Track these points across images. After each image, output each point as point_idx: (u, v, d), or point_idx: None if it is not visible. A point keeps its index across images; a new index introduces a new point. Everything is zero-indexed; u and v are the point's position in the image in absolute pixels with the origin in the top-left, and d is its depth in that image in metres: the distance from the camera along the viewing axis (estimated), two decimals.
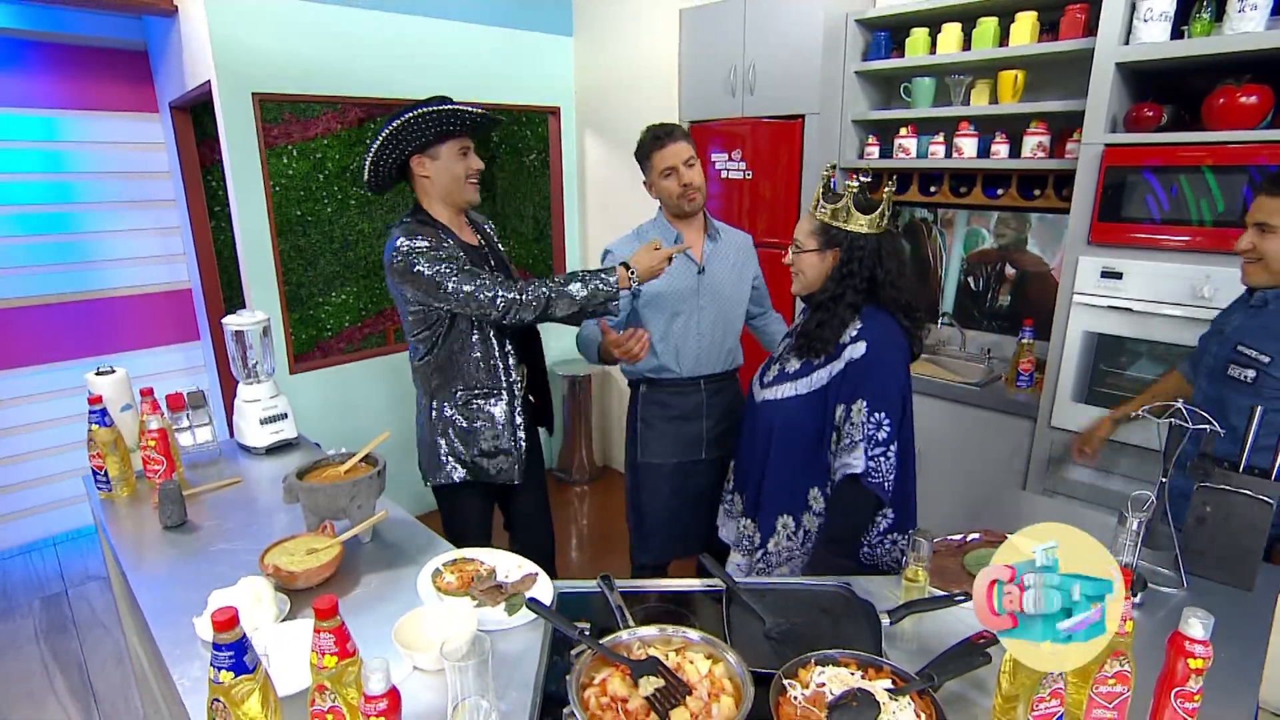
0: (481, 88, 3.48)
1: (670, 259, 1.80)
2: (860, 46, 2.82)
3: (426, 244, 1.74)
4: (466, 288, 1.71)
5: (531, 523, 2.18)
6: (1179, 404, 1.35)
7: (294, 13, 2.83)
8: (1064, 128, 2.43)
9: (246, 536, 1.56)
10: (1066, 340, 2.31)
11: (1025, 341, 2.60)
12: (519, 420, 1.94)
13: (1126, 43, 2.12)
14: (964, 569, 1.39)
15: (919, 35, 2.66)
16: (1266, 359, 1.54)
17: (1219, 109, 2.01)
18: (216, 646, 0.86)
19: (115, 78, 3.37)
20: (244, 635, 0.88)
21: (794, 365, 1.64)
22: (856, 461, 1.51)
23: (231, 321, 1.98)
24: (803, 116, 2.86)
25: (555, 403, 4.03)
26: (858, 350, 1.54)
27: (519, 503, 2.14)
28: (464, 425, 1.91)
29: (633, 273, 1.75)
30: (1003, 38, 2.50)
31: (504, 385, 1.91)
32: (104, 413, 1.71)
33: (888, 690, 1.04)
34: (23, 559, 3.37)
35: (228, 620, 0.86)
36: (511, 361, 1.92)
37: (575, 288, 1.73)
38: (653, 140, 2.00)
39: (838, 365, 1.56)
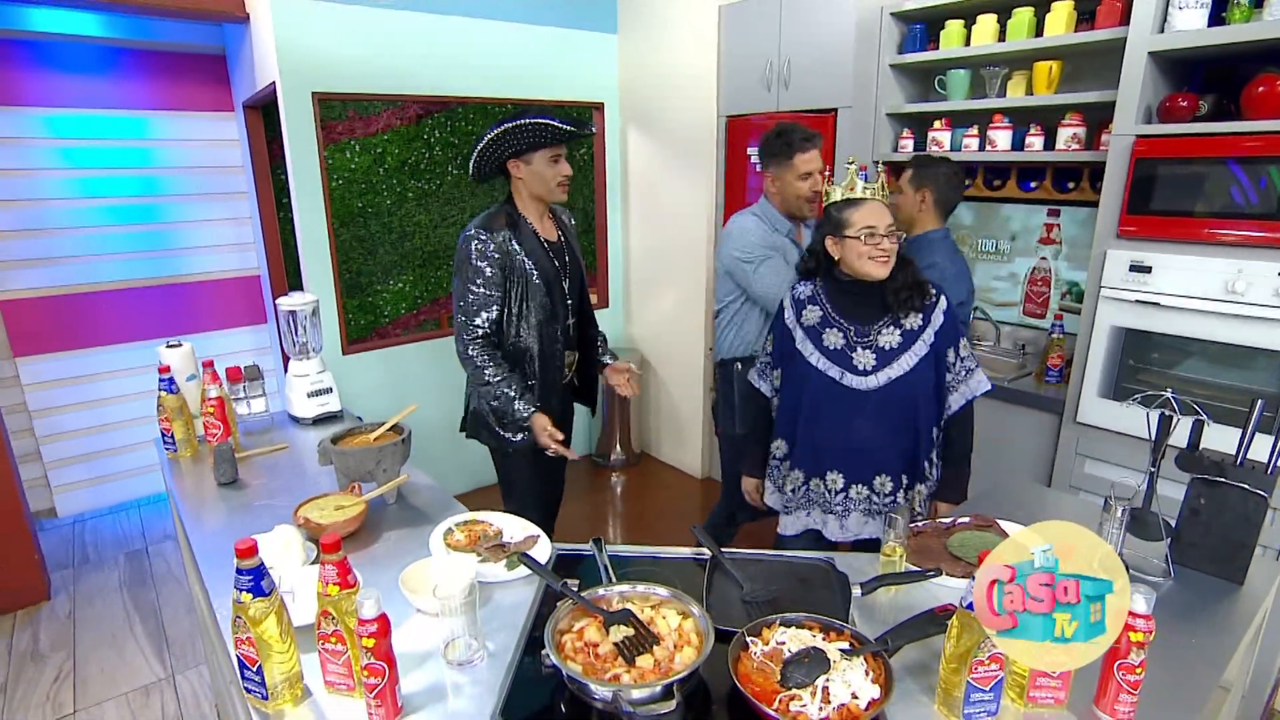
0: (531, 84, 3.62)
1: (551, 449, 2.00)
2: (895, 39, 2.82)
3: (488, 244, 1.96)
4: (461, 319, 2.00)
5: (547, 482, 2.31)
6: (1168, 394, 1.36)
7: (352, 17, 3.03)
8: (1102, 119, 2.38)
9: (288, 494, 1.73)
10: (1093, 335, 2.28)
11: (1055, 336, 2.57)
12: (554, 403, 2.12)
13: (1161, 31, 2.08)
14: (946, 550, 1.43)
15: (954, 27, 2.64)
16: None
17: (1258, 98, 1.96)
18: (238, 571, 1.00)
19: (197, 80, 3.67)
20: (261, 564, 1.02)
21: (893, 340, 1.72)
22: (984, 382, 1.77)
23: (284, 302, 2.17)
24: (835, 110, 2.89)
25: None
26: (943, 302, 1.74)
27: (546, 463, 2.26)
28: (494, 404, 2.05)
29: (529, 425, 2.00)
30: (1039, 28, 2.47)
31: (542, 376, 2.09)
32: (171, 381, 1.92)
33: (843, 651, 1.11)
34: (111, 518, 3.72)
35: (248, 549, 1.00)
36: (558, 348, 2.10)
37: (499, 403, 2.00)
38: (801, 140, 2.18)
39: (938, 319, 1.73)
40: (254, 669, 1.05)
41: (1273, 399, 1.97)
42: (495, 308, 2.00)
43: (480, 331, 1.99)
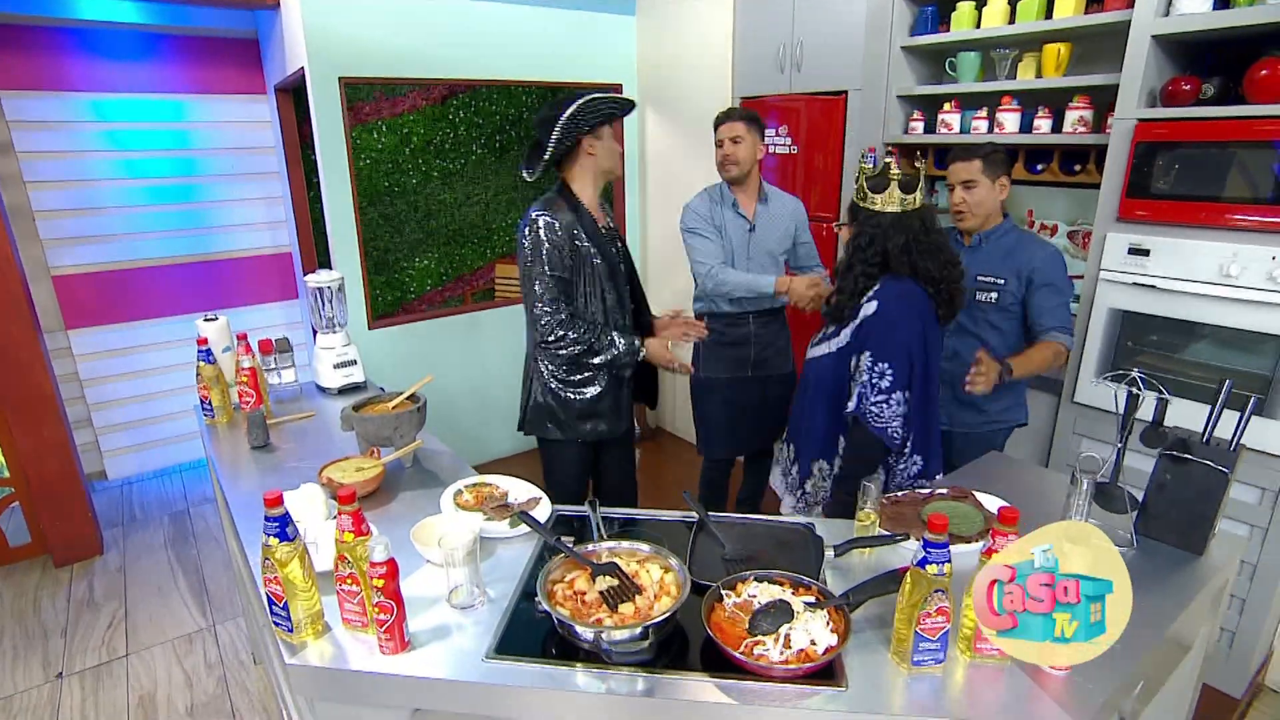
0: (551, 67, 3.71)
1: (676, 365, 2.15)
2: (907, 21, 2.84)
3: (553, 225, 1.95)
4: (539, 295, 1.97)
5: (617, 480, 2.39)
6: (1135, 373, 1.42)
7: (378, 4, 3.14)
8: (1110, 102, 2.38)
9: (314, 457, 1.88)
10: (1092, 317, 2.32)
11: None
12: (625, 389, 2.19)
13: (1166, 14, 2.08)
14: (919, 518, 1.52)
15: (965, 9, 2.66)
16: (1002, 281, 2.09)
17: (1260, 81, 1.96)
18: (266, 519, 1.14)
19: (231, 64, 3.82)
20: (286, 512, 1.15)
21: (832, 328, 1.88)
22: (852, 402, 1.76)
23: (312, 279, 2.31)
24: (845, 93, 2.92)
25: None
26: (869, 309, 1.76)
27: (607, 462, 2.35)
28: (565, 393, 2.13)
29: (643, 353, 2.09)
30: (1049, 10, 2.47)
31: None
32: (209, 352, 2.07)
33: (808, 604, 1.21)
34: (156, 481, 3.96)
35: (275, 499, 1.14)
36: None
37: (608, 355, 2.04)
38: (721, 116, 2.52)
39: (856, 323, 1.78)
40: (281, 605, 1.19)
41: (1261, 381, 2.01)
42: (569, 287, 1.99)
43: (565, 313, 1.98)
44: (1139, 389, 1.40)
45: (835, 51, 2.92)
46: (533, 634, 1.24)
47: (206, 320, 2.20)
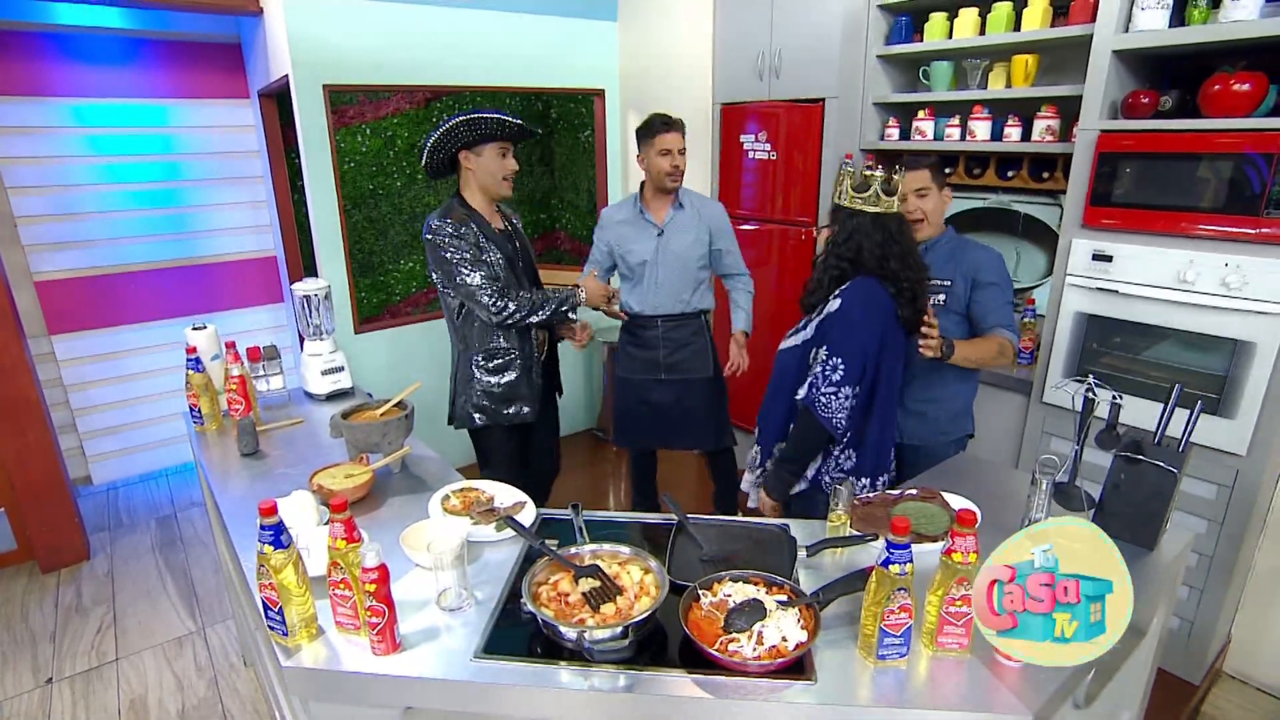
0: (534, 72, 3.74)
1: (609, 299, 2.47)
2: (882, 31, 2.91)
3: (452, 228, 2.17)
4: (478, 285, 2.19)
5: (543, 455, 2.67)
6: (1090, 378, 1.50)
7: (361, 11, 3.16)
8: (1076, 112, 2.47)
9: (304, 464, 1.92)
10: (1059, 320, 2.41)
11: (1027, 320, 2.69)
12: (535, 376, 2.43)
13: (1126, 30, 2.17)
14: (889, 518, 1.59)
15: (937, 20, 2.73)
16: (949, 282, 2.12)
17: (1214, 95, 2.05)
18: (261, 527, 1.19)
19: (214, 69, 3.82)
20: (280, 520, 1.20)
21: (804, 322, 1.97)
22: (803, 390, 1.84)
23: (299, 287, 2.34)
24: (823, 100, 2.99)
25: (595, 368, 4.37)
26: (833, 305, 1.84)
27: (535, 440, 2.59)
28: (488, 380, 2.36)
29: (583, 292, 2.37)
30: (1017, 23, 2.55)
31: (520, 348, 2.37)
32: (198, 361, 2.10)
33: (780, 602, 1.28)
34: (142, 486, 3.97)
35: (269, 508, 1.18)
36: (533, 330, 2.39)
37: (550, 307, 2.29)
38: (661, 125, 2.51)
39: (820, 318, 1.86)
40: (276, 610, 1.24)
41: (1216, 381, 2.10)
42: (490, 267, 2.21)
43: (498, 288, 2.21)
44: (1094, 393, 1.48)
45: (813, 59, 2.99)
46: (519, 634, 1.29)
47: (195, 329, 2.23)
